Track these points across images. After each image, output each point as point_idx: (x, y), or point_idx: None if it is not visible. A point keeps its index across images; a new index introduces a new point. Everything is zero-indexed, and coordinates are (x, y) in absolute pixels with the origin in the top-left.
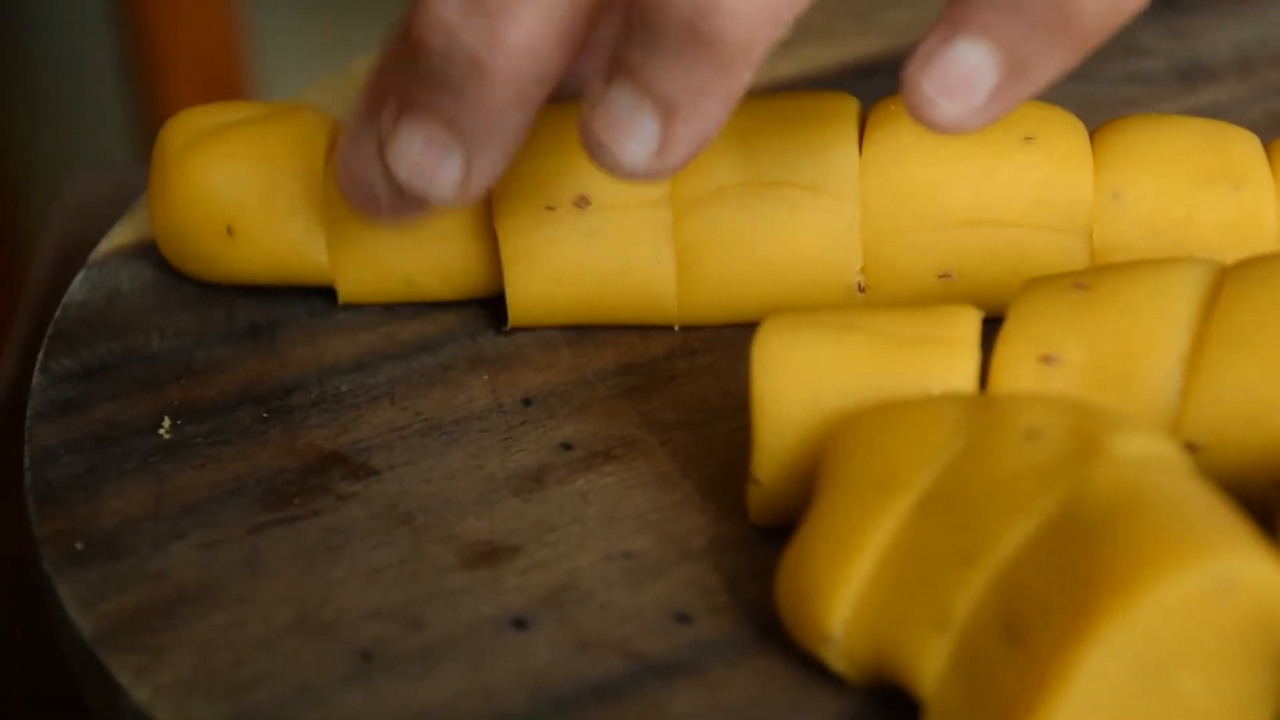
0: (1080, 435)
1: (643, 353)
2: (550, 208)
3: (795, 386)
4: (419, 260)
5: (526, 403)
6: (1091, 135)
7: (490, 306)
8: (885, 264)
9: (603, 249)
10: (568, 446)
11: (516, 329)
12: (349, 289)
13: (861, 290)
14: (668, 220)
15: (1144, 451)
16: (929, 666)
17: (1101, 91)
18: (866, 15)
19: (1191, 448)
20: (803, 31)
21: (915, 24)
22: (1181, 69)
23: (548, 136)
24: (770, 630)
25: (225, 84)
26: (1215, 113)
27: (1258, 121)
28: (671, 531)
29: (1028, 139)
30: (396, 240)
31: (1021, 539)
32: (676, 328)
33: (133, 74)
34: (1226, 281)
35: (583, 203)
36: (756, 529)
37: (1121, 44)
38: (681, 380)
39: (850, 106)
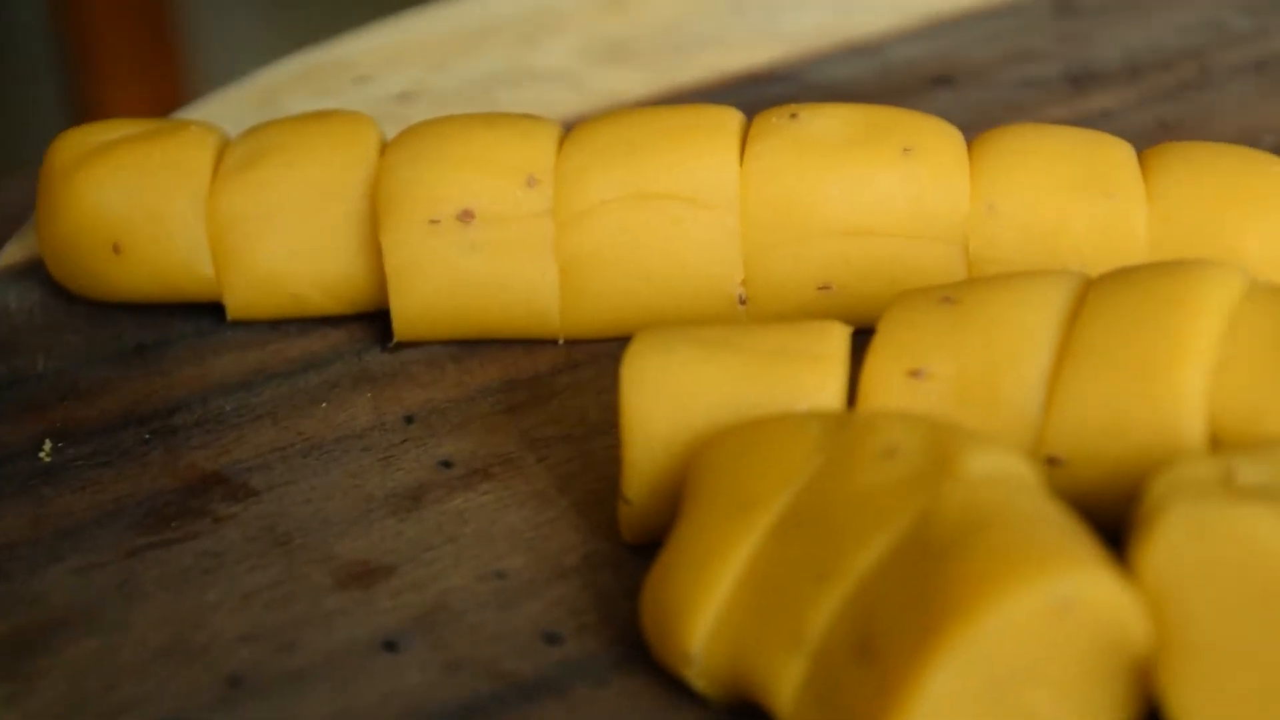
0: (934, 453)
1: (527, 368)
2: (434, 222)
3: (664, 405)
4: (305, 275)
5: (409, 420)
6: (971, 145)
7: (378, 323)
8: (766, 276)
9: (486, 263)
10: (447, 464)
11: (403, 345)
12: (236, 305)
13: (743, 302)
14: (550, 234)
15: (996, 469)
16: (785, 685)
17: (993, 97)
18: (764, 23)
19: (1054, 461)
20: (700, 39)
21: (814, 30)
22: (1072, 74)
23: (432, 151)
24: (638, 649)
25: (161, 86)
26: (1104, 118)
27: (1145, 126)
28: (545, 550)
29: (906, 150)
30: (282, 255)
31: (874, 557)
32: (561, 341)
33: (68, 76)
34: (1088, 295)
35: (466, 217)
36: (630, 546)
37: (1014, 49)
38: (564, 395)
39: (732, 119)
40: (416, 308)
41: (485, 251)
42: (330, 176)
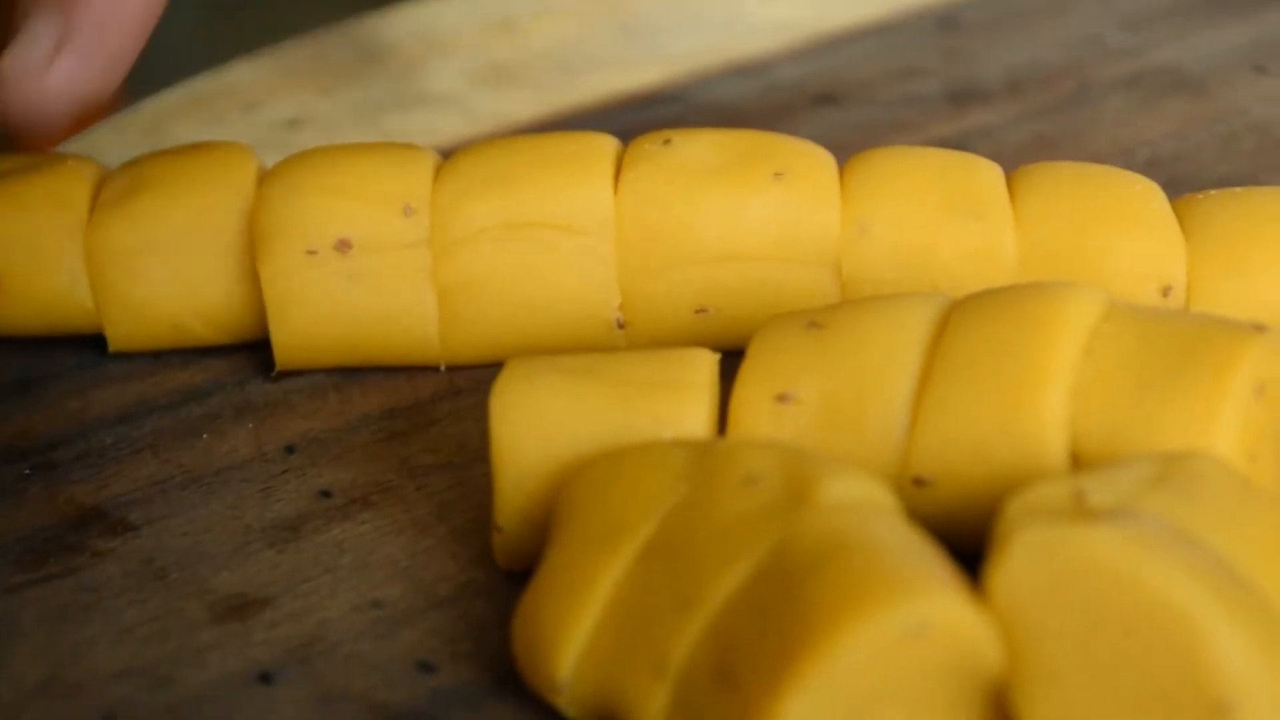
0: (792, 481)
1: (408, 395)
2: (311, 252)
3: (532, 435)
4: (185, 306)
5: (289, 450)
6: (843, 168)
7: (261, 352)
8: (643, 300)
9: (365, 292)
10: (327, 494)
11: (285, 375)
12: (117, 337)
13: (621, 327)
14: (428, 262)
15: (853, 496)
16: (649, 712)
17: (876, 116)
18: (652, 44)
19: (920, 482)
20: (588, 61)
21: (701, 51)
22: (953, 91)
23: (309, 181)
24: (511, 678)
25: None
26: (984, 135)
27: (1024, 143)
28: (421, 579)
29: (777, 175)
30: (162, 287)
31: (735, 585)
32: (443, 368)
33: None
34: (951, 317)
35: (344, 247)
36: (505, 573)
37: (898, 67)
38: (444, 422)
39: (607, 146)
40: (297, 337)
41: (363, 281)
42: (208, 207)
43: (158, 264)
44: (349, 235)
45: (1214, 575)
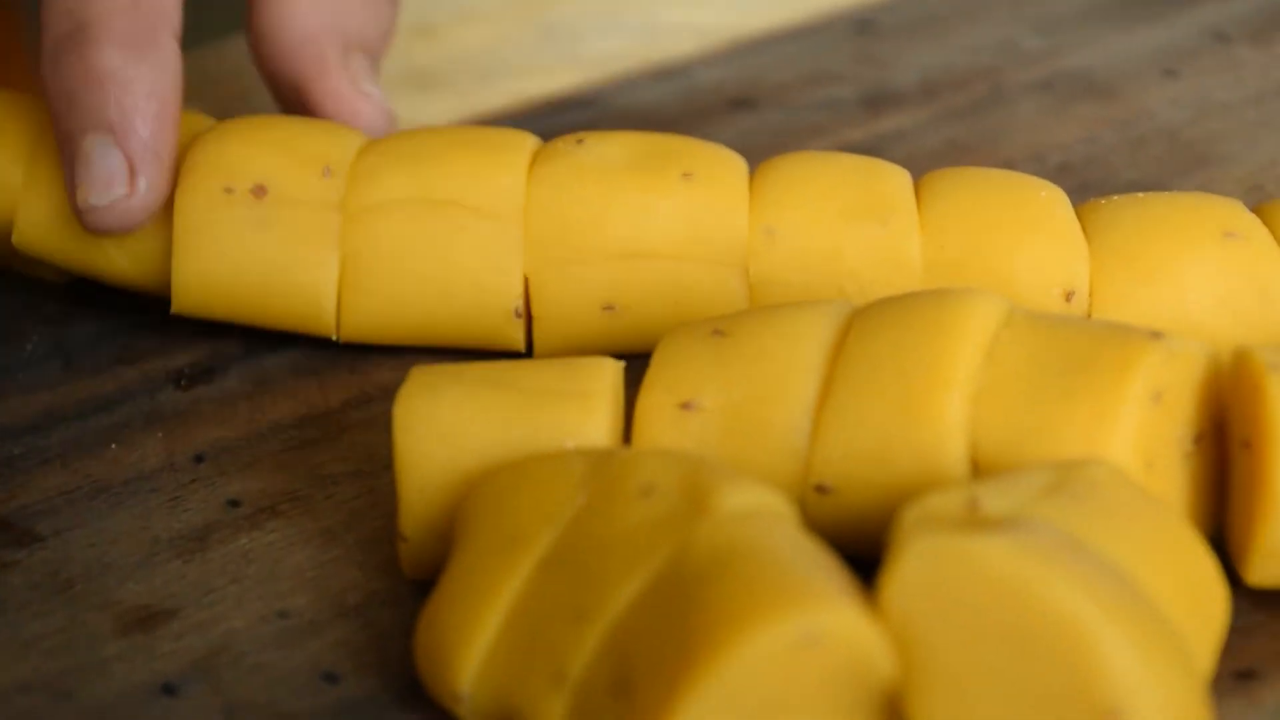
0: (689, 490)
1: (319, 403)
2: (229, 190)
3: (435, 445)
4: None
5: (199, 460)
6: (754, 172)
7: (172, 360)
8: (550, 294)
9: (271, 241)
10: (235, 504)
11: (195, 384)
12: (29, 229)
13: (519, 316)
14: (338, 225)
15: (750, 505)
16: None
17: (792, 120)
18: (571, 48)
19: (822, 489)
20: (508, 66)
21: (619, 55)
22: (868, 95)
23: (241, 130)
24: (414, 688)
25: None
26: (898, 139)
27: (937, 147)
28: (328, 588)
29: (686, 176)
30: None
31: (631, 595)
32: (336, 338)
33: None
34: (853, 324)
35: (260, 192)
36: (412, 583)
37: (814, 71)
38: (354, 430)
39: (525, 141)
40: (197, 276)
41: (272, 230)
42: None
43: None
44: (266, 182)
45: (1105, 584)
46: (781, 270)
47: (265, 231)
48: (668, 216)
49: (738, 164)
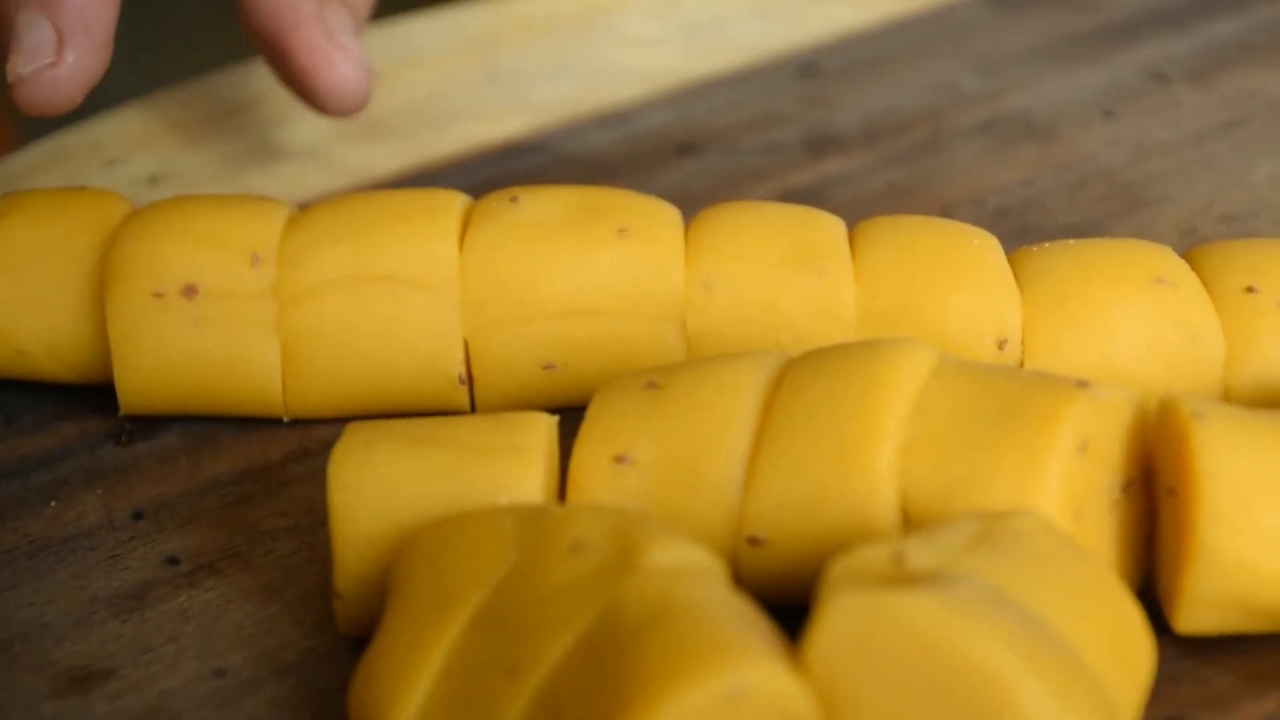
0: (619, 547)
1: (259, 458)
2: (158, 295)
3: (370, 502)
4: (30, 330)
5: (137, 516)
6: (689, 224)
7: (113, 416)
8: (489, 356)
9: (209, 338)
10: (174, 561)
11: (135, 440)
12: None
13: (463, 382)
14: (273, 312)
15: (678, 561)
16: None
17: (736, 164)
18: (517, 94)
19: (755, 541)
20: (454, 112)
21: (567, 100)
22: (811, 139)
23: (161, 226)
24: None
25: None
26: (841, 182)
27: (879, 191)
28: (265, 646)
29: (621, 231)
30: (10, 305)
31: (562, 652)
32: (286, 420)
33: None
34: (785, 376)
35: (190, 292)
36: (349, 639)
37: (758, 115)
38: (294, 485)
39: (454, 202)
40: (140, 380)
41: (208, 327)
42: (67, 236)
43: (8, 282)
44: (196, 281)
45: (1027, 637)
46: (719, 322)
47: (201, 330)
48: (604, 273)
49: (673, 217)
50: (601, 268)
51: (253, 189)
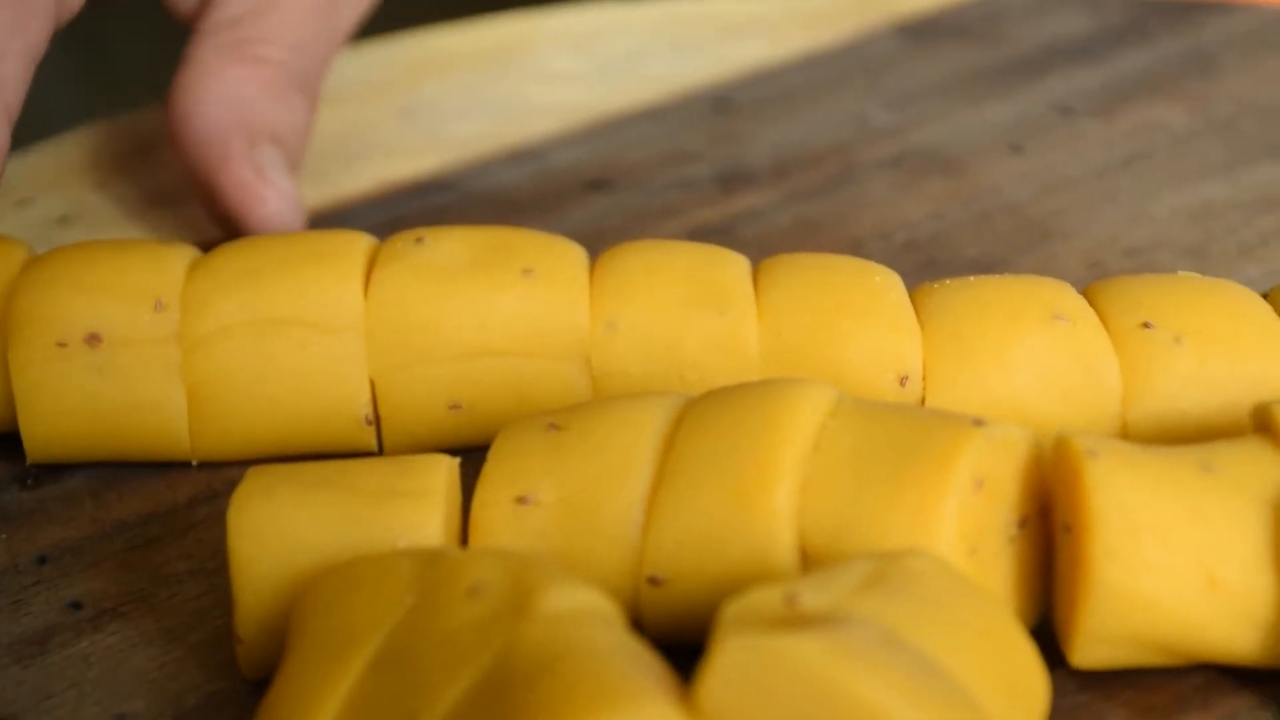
0: (515, 591)
1: (165, 500)
2: (61, 345)
3: (270, 547)
4: None
5: (41, 561)
6: (595, 263)
7: (17, 460)
8: (396, 397)
9: (114, 386)
10: (77, 606)
11: (42, 482)
12: None
13: (370, 423)
14: (177, 358)
15: (573, 605)
16: None
17: (647, 200)
18: (431, 130)
19: (655, 581)
20: (368, 149)
21: (481, 136)
22: (722, 175)
23: (62, 275)
24: None
25: None
26: (751, 218)
27: (788, 226)
28: (168, 691)
29: (526, 272)
30: None
31: (458, 696)
32: (195, 464)
33: None
34: (685, 416)
35: (94, 340)
36: (252, 683)
37: (670, 150)
38: (200, 527)
39: (358, 244)
40: (46, 429)
41: (113, 375)
42: None
43: None
44: (99, 329)
45: (916, 678)
46: (623, 362)
47: (105, 378)
48: (509, 313)
49: (578, 256)
50: (506, 309)
51: (164, 229)
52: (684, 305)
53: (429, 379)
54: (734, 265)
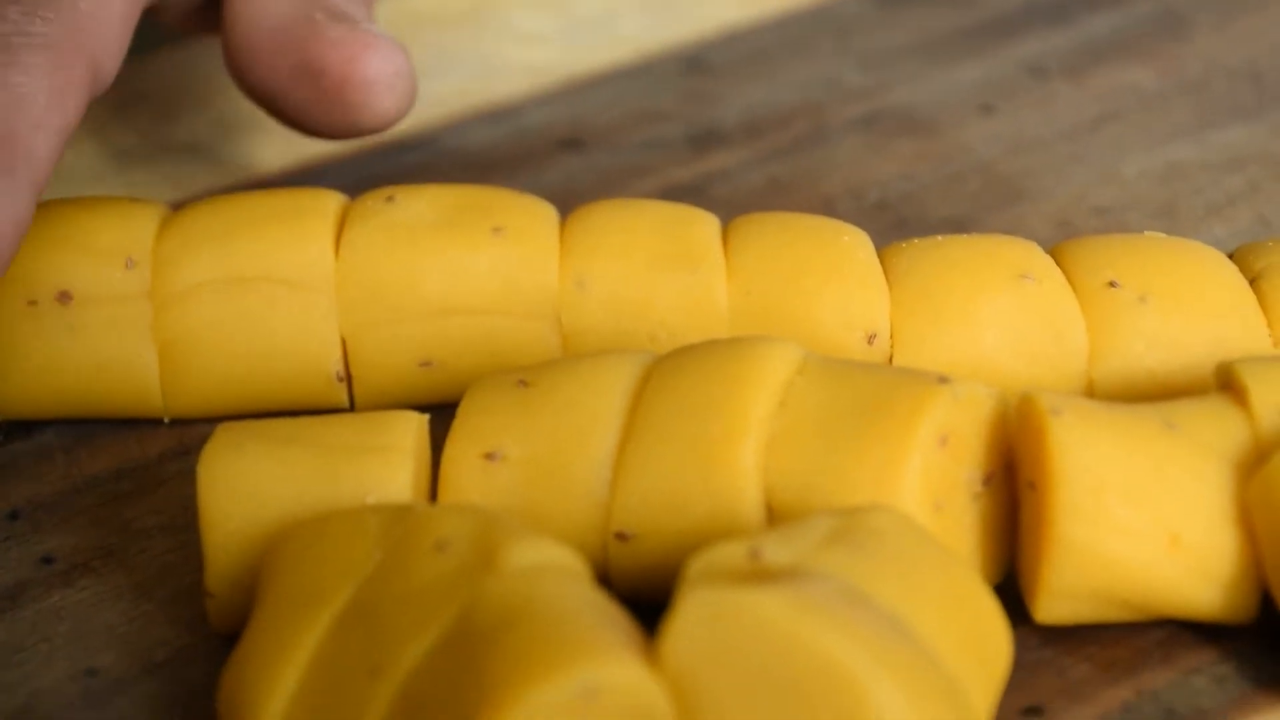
0: (480, 546)
1: (136, 456)
2: (32, 303)
3: (239, 503)
4: None
5: (13, 516)
6: (564, 222)
7: None
8: (367, 355)
9: (85, 344)
10: (49, 560)
11: (11, 438)
12: None
13: (342, 379)
14: (149, 315)
15: (539, 561)
16: None
17: (619, 160)
18: None
19: (622, 536)
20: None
21: (455, 95)
22: (694, 134)
23: (32, 234)
24: None
25: None
26: (722, 178)
27: (759, 186)
28: (138, 645)
29: (496, 230)
30: None
31: (422, 652)
32: (167, 420)
33: None
34: (653, 373)
35: (65, 298)
36: (221, 638)
37: (643, 110)
38: (171, 483)
39: (330, 203)
40: (18, 387)
41: (84, 332)
42: None
43: None
44: (70, 287)
45: (878, 633)
46: (593, 320)
47: (76, 336)
48: (480, 272)
49: (548, 215)
50: (477, 266)
51: (137, 185)
52: (653, 264)
53: (400, 337)
54: (704, 224)
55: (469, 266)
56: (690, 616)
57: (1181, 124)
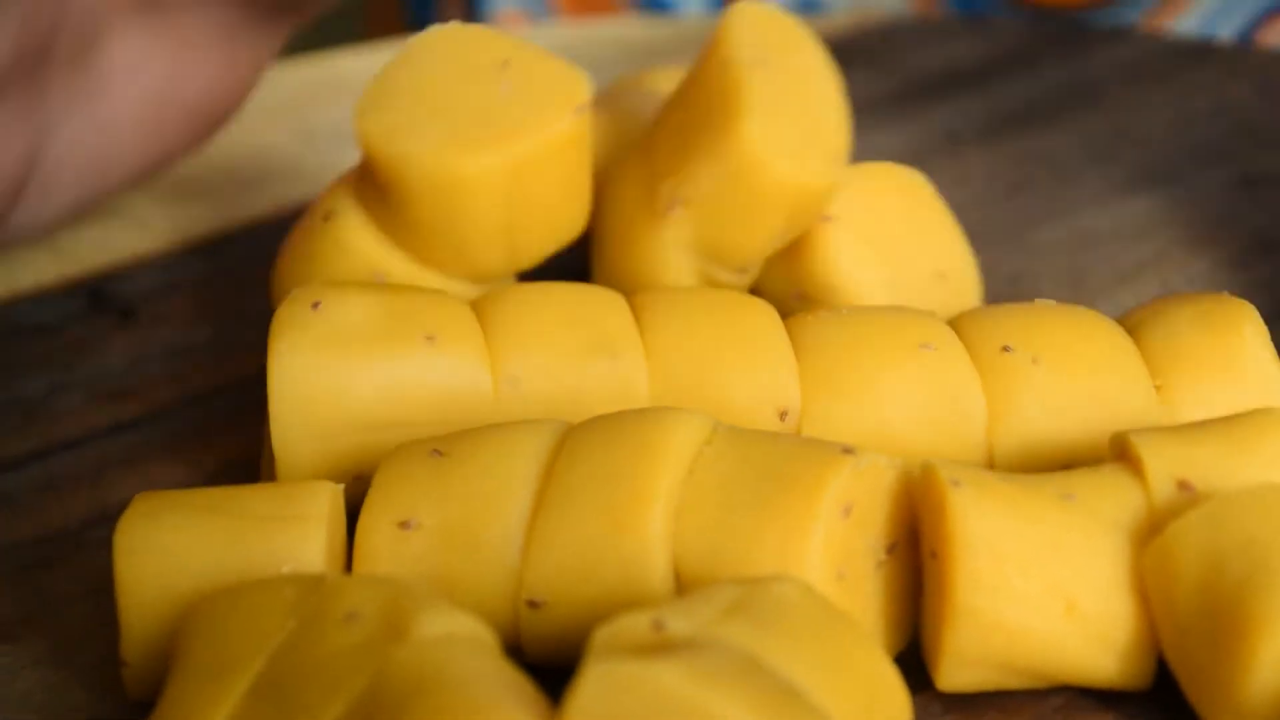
0: (390, 617)
1: (59, 521)
2: None
3: (155, 571)
4: None
5: None
6: (480, 313)
7: None
8: (298, 473)
9: None
10: None
11: None
12: None
13: None
14: None
15: (447, 631)
16: None
17: None
18: (327, 154)
19: (533, 604)
20: (269, 173)
21: None
22: None
23: None
24: None
25: None
26: None
27: None
28: (54, 711)
29: (429, 339)
30: None
31: None
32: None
33: None
34: (566, 441)
35: None
36: (138, 706)
37: None
38: (90, 549)
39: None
40: None
41: None
42: None
43: None
44: None
45: (776, 702)
46: (529, 416)
47: None
48: (413, 382)
49: (469, 317)
50: (408, 377)
51: (63, 249)
52: (577, 353)
53: (333, 454)
54: (614, 305)
55: (401, 376)
56: (592, 688)
57: (1092, 192)
